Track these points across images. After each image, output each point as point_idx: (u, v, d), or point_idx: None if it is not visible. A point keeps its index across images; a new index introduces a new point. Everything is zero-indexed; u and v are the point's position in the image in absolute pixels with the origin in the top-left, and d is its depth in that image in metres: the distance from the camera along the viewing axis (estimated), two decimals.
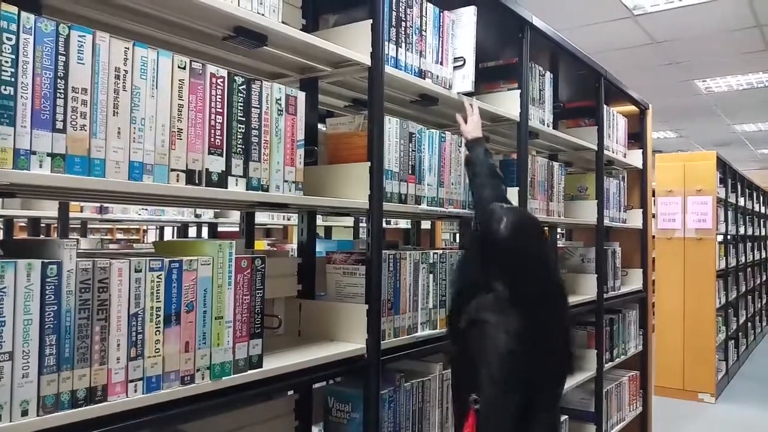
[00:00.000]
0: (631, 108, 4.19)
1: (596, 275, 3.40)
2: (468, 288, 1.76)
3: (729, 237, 6.97)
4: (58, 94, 1.11)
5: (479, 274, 1.74)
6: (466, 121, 2.20)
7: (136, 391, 1.20)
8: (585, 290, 3.39)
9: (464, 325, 1.70)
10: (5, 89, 1.04)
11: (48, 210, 4.41)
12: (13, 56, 1.05)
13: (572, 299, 3.15)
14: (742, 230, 7.70)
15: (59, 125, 1.11)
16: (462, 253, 1.98)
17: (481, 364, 1.57)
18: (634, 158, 4.15)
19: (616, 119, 3.81)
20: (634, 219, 4.13)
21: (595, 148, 3.43)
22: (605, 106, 3.55)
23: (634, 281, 4.11)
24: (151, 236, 10.07)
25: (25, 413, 1.04)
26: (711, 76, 7.66)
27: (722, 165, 6.58)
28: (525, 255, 1.71)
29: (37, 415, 1.06)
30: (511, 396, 1.54)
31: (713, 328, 6.00)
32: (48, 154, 1.09)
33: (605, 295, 3.47)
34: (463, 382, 1.74)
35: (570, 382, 3.14)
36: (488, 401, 1.55)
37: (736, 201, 7.35)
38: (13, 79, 1.05)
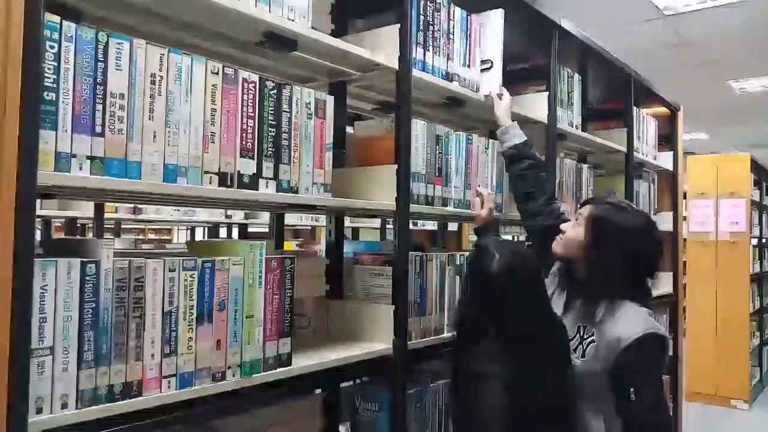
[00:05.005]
0: (663, 109, 4.14)
1: None
2: (470, 326, 1.67)
3: (764, 240, 6.83)
4: (97, 100, 1.16)
5: (477, 311, 1.66)
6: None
7: (169, 387, 1.24)
8: None
9: (462, 376, 1.66)
10: (48, 95, 1.08)
11: (84, 210, 4.53)
12: (56, 63, 1.09)
13: None
14: None
15: (98, 129, 1.16)
16: (463, 285, 1.86)
17: (476, 423, 1.52)
18: (665, 160, 4.09)
19: (646, 121, 3.76)
20: (665, 222, 4.08)
21: (625, 150, 3.39)
22: (635, 108, 3.52)
23: (664, 285, 4.05)
24: (183, 236, 10.22)
25: (64, 406, 1.09)
26: (745, 76, 7.51)
27: (756, 167, 6.45)
28: (515, 296, 1.61)
29: (76, 408, 1.10)
30: None
31: (747, 334, 5.91)
32: (87, 157, 1.14)
33: None
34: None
35: None
36: None
37: None
38: (55, 85, 1.09)
